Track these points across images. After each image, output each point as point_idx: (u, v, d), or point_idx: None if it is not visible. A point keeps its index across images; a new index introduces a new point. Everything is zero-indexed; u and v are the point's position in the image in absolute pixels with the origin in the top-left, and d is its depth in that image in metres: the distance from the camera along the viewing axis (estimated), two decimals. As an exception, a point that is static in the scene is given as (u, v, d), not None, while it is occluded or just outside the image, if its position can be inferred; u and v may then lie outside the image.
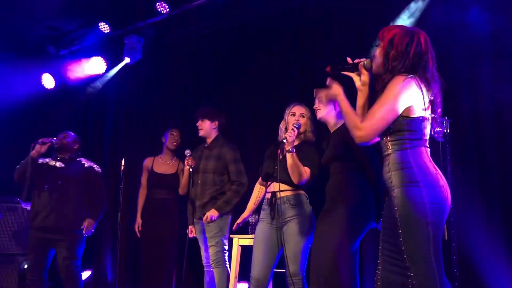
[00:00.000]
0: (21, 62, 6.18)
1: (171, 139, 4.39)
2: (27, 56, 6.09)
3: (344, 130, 2.80)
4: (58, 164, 4.05)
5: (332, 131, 2.97)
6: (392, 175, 1.91)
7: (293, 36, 4.42)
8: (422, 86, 1.92)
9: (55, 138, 4.02)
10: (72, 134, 4.24)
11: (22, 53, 6.05)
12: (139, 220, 4.40)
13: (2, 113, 6.12)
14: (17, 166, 3.94)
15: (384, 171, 1.98)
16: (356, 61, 2.11)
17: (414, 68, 1.94)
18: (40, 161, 4.03)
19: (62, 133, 4.17)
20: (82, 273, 4.17)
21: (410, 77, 1.90)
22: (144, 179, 4.50)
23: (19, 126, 6.17)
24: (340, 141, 2.81)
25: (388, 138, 1.96)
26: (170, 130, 4.45)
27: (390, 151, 1.95)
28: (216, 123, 3.92)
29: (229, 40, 4.90)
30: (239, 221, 3.45)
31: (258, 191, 3.46)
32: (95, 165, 4.19)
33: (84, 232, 3.96)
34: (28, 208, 5.35)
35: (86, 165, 4.11)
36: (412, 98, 1.90)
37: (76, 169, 4.05)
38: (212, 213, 3.66)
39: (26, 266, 4.91)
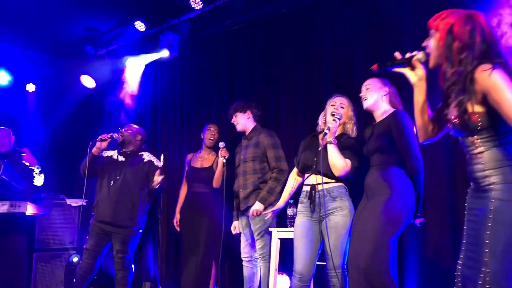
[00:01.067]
0: (61, 63, 6.39)
1: (208, 135, 4.42)
2: (67, 57, 6.28)
3: (389, 121, 2.75)
4: (120, 158, 4.10)
5: (377, 121, 2.89)
6: (489, 173, 1.79)
7: (328, 26, 4.36)
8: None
9: (115, 133, 4.06)
10: (135, 126, 4.26)
11: (62, 54, 6.25)
12: (177, 216, 4.48)
13: (46, 114, 6.35)
14: (82, 161, 4.02)
15: (475, 169, 1.85)
16: (408, 55, 1.96)
17: (486, 55, 1.78)
18: (106, 154, 4.12)
19: (125, 126, 4.22)
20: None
21: (496, 65, 1.74)
22: (185, 175, 4.57)
23: (62, 127, 6.38)
24: (385, 132, 2.74)
25: (476, 137, 1.82)
26: (208, 125, 4.49)
27: (481, 148, 1.82)
28: (249, 112, 3.91)
29: (263, 33, 4.89)
30: (274, 209, 3.41)
31: (293, 182, 3.40)
32: (155, 159, 4.14)
33: (153, 184, 3.88)
34: (73, 204, 5.55)
35: (146, 159, 4.10)
36: None
37: (137, 164, 4.07)
38: (257, 206, 3.62)
39: (74, 259, 5.09)
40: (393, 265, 2.61)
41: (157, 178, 3.81)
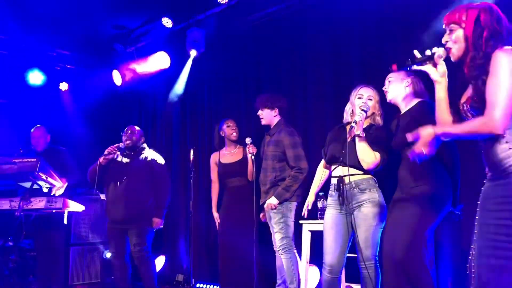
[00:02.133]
0: (92, 61, 6.52)
1: (229, 131, 4.46)
2: (97, 55, 6.41)
3: (416, 112, 2.70)
4: (124, 159, 4.29)
5: (402, 112, 2.84)
6: None
7: (356, 16, 4.30)
8: None
9: (122, 143, 4.27)
10: (137, 129, 4.42)
11: (92, 53, 6.38)
12: (216, 215, 4.53)
13: (79, 112, 6.51)
14: (90, 168, 4.27)
15: (497, 150, 1.83)
16: (429, 52, 2.00)
17: (504, 41, 1.84)
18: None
19: (127, 128, 4.36)
20: (155, 258, 4.38)
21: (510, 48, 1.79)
22: (213, 174, 4.60)
23: (94, 124, 6.53)
24: (411, 123, 2.68)
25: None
26: (225, 122, 4.51)
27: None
28: (276, 110, 3.93)
29: (290, 25, 4.86)
30: (308, 206, 3.45)
31: (321, 174, 3.43)
32: (159, 157, 4.36)
33: (154, 229, 4.22)
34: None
35: (149, 158, 4.30)
36: None
37: (140, 163, 4.26)
38: (272, 200, 3.69)
39: (108, 254, 5.22)
40: (430, 257, 2.58)
41: (157, 223, 4.20)
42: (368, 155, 2.92)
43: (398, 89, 2.83)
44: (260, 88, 5.04)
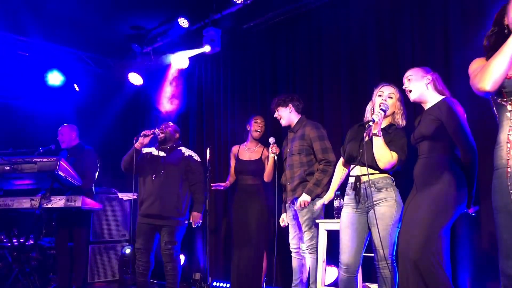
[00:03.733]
0: (110, 62, 6.61)
1: (255, 127, 4.44)
2: (114, 56, 6.49)
3: (438, 109, 2.65)
4: (161, 153, 4.26)
5: (426, 109, 2.78)
6: None
7: (372, 14, 4.27)
8: None
9: (157, 129, 4.22)
10: (172, 124, 4.42)
11: (110, 53, 6.47)
12: (226, 183, 4.61)
13: (97, 112, 6.59)
14: (124, 157, 4.20)
15: None
16: None
17: None
18: (145, 151, 4.27)
19: (163, 123, 4.37)
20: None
21: None
22: (232, 166, 4.62)
23: (112, 123, 6.61)
24: (433, 119, 2.63)
25: None
26: (254, 117, 4.49)
27: None
28: (290, 106, 3.88)
29: (305, 24, 4.85)
30: (325, 202, 3.44)
31: (341, 172, 3.37)
32: (195, 154, 4.33)
33: (193, 225, 4.22)
34: (124, 198, 5.76)
35: (186, 154, 4.27)
36: None
37: (177, 158, 4.23)
38: (304, 198, 3.62)
39: (127, 251, 5.29)
40: (446, 256, 2.54)
41: (196, 217, 4.16)
42: (384, 155, 2.89)
43: (420, 87, 2.77)
44: (276, 88, 5.04)
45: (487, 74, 1.82)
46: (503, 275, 1.83)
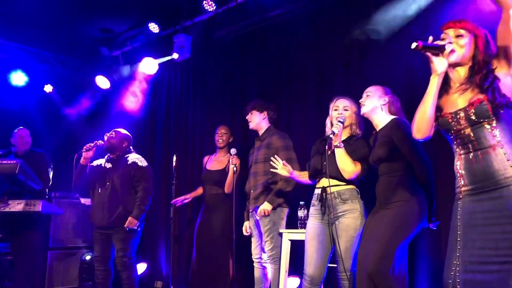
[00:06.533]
0: (76, 63, 6.48)
1: (217, 137, 4.50)
2: (82, 58, 6.37)
3: (390, 129, 2.74)
4: (108, 164, 4.22)
5: (378, 129, 2.88)
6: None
7: (341, 27, 4.34)
8: None
9: (100, 140, 4.15)
10: (121, 132, 4.31)
11: (77, 55, 6.34)
12: (190, 195, 4.60)
13: (60, 114, 6.44)
14: (73, 178, 4.17)
15: (493, 163, 1.87)
16: (441, 42, 1.98)
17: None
18: (95, 163, 4.23)
19: (110, 132, 4.29)
20: (137, 265, 4.33)
21: None
22: (202, 177, 4.63)
23: (76, 126, 6.47)
24: (387, 140, 2.73)
25: (494, 125, 1.90)
26: (218, 128, 4.55)
27: (499, 138, 1.88)
28: (265, 113, 3.92)
29: (276, 35, 4.89)
30: (293, 174, 3.30)
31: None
32: (140, 159, 4.21)
33: (125, 226, 4.03)
34: (87, 203, 5.63)
35: (130, 161, 4.18)
36: None
37: (122, 167, 4.17)
38: (265, 206, 3.62)
39: (87, 258, 5.16)
40: (404, 270, 2.60)
41: (131, 222, 3.99)
42: (348, 165, 2.95)
43: (374, 104, 2.86)
44: (245, 97, 5.05)
45: (415, 125, 2.00)
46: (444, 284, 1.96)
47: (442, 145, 3.08)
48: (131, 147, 4.37)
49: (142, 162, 4.21)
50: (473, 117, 1.92)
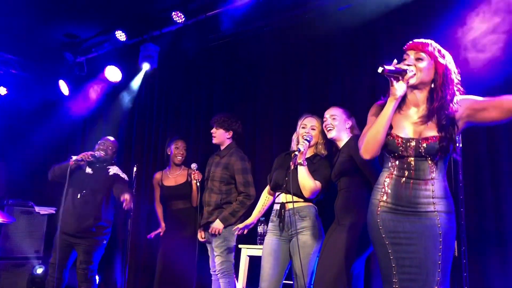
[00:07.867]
0: (38, 68, 6.30)
1: (176, 152, 4.34)
2: (44, 62, 6.20)
3: (350, 146, 2.81)
4: (88, 170, 4.12)
5: (340, 147, 2.97)
6: (436, 202, 1.98)
7: (308, 44, 4.41)
8: None
9: (101, 152, 4.12)
10: (111, 139, 4.32)
11: (39, 59, 6.16)
12: (163, 225, 4.41)
13: (19, 118, 6.23)
14: (55, 166, 4.05)
15: (420, 194, 2.00)
16: (403, 67, 2.02)
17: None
18: (74, 158, 4.08)
19: (105, 140, 4.26)
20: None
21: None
22: (157, 194, 4.49)
23: (33, 132, 6.25)
24: (346, 156, 2.82)
25: (435, 162, 2.02)
26: (174, 142, 4.38)
27: (434, 175, 2.01)
28: (231, 133, 3.91)
29: (244, 50, 4.91)
30: (240, 226, 3.37)
31: (264, 199, 3.42)
32: (122, 174, 4.21)
33: (125, 207, 3.89)
34: (41, 212, 5.43)
35: (111, 173, 4.15)
36: None
37: (101, 178, 4.10)
38: (217, 225, 3.63)
39: (39, 271, 4.95)
40: (360, 286, 2.63)
41: (127, 198, 3.83)
42: (308, 183, 2.98)
43: (340, 129, 2.97)
44: (211, 110, 5.02)
45: (365, 145, 2.06)
46: None
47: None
48: (115, 157, 4.36)
49: (123, 174, 4.22)
50: (422, 151, 2.01)
